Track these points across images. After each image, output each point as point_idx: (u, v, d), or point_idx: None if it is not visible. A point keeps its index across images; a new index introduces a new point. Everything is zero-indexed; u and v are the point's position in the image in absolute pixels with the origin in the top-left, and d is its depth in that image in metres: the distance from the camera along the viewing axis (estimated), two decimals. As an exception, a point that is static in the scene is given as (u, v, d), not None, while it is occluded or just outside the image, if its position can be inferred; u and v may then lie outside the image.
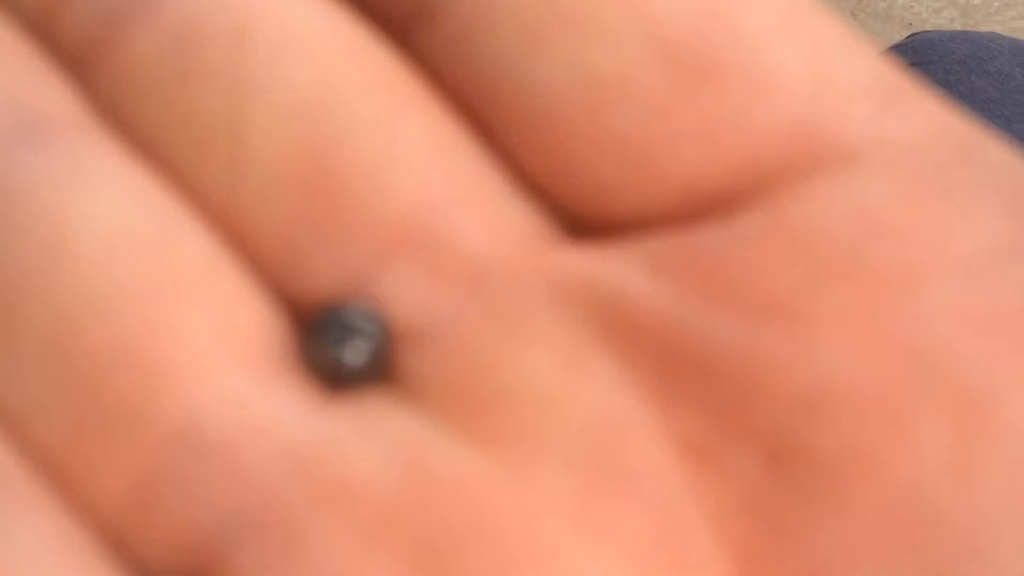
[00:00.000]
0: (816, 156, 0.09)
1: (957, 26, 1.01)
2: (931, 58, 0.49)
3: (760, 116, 0.09)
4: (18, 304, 0.09)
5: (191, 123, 0.10)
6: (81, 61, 0.10)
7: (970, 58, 0.48)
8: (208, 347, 0.09)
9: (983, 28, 1.01)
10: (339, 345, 0.09)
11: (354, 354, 0.09)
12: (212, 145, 0.09)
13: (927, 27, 1.00)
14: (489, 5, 0.10)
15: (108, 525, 0.09)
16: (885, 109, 0.09)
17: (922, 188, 0.09)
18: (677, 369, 0.09)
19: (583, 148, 0.10)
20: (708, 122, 0.09)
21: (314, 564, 0.09)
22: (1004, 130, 0.45)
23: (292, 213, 0.10)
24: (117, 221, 0.09)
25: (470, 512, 0.09)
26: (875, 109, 0.09)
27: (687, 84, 0.09)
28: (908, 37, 0.55)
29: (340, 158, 0.09)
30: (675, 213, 0.10)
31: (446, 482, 0.09)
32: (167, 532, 0.09)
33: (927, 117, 0.09)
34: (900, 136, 0.09)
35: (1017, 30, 1.02)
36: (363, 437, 0.09)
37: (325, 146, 0.09)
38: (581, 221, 0.10)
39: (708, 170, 0.09)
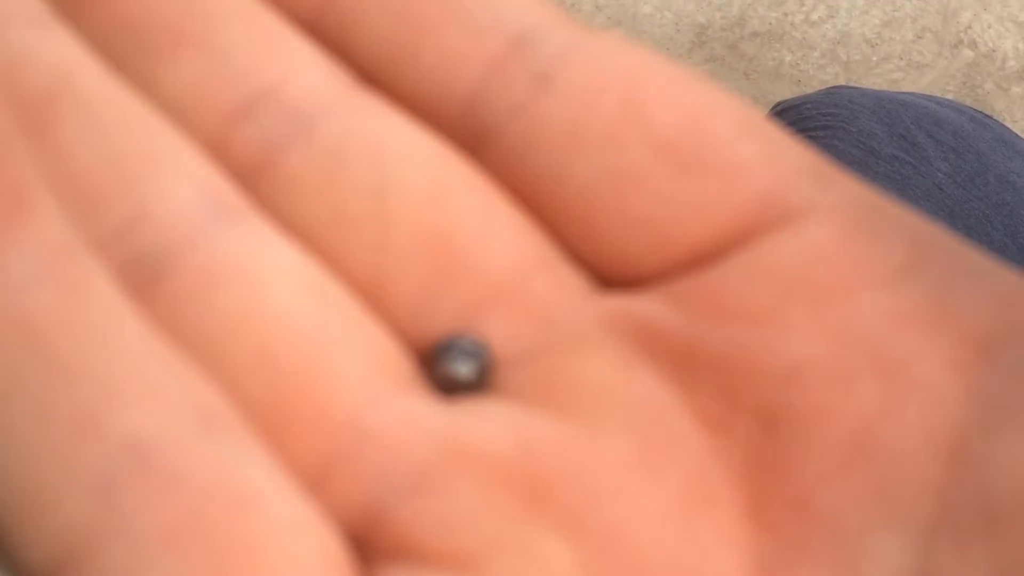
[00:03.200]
0: (775, 216, 0.13)
1: (841, 81, 1.08)
2: (797, 127, 0.55)
3: (736, 193, 0.13)
4: (231, 332, 0.13)
5: (341, 217, 0.13)
6: (246, 177, 0.14)
7: (833, 123, 0.54)
8: (363, 368, 0.13)
9: (864, 82, 1.08)
10: (456, 363, 0.13)
11: (468, 369, 0.13)
12: (360, 231, 0.13)
13: (814, 83, 1.07)
14: (534, 130, 0.14)
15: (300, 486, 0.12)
16: (816, 182, 0.14)
17: (848, 231, 0.13)
18: (694, 367, 0.13)
19: (612, 226, 0.14)
20: (700, 200, 0.13)
21: (458, 509, 0.12)
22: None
23: (422, 278, 0.13)
24: (295, 275, 0.13)
25: (564, 462, 0.13)
26: (810, 183, 0.14)
27: (682, 173, 0.14)
28: (773, 108, 0.60)
29: (455, 238, 0.13)
30: (680, 266, 0.14)
31: (546, 445, 0.13)
32: (342, 498, 0.13)
33: (844, 186, 0.14)
34: (828, 200, 0.14)
35: (896, 81, 1.10)
36: (482, 421, 0.13)
37: (443, 229, 0.13)
38: (611, 278, 0.14)
39: (702, 234, 0.14)
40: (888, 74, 1.10)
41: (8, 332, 0.11)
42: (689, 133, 0.14)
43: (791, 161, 0.14)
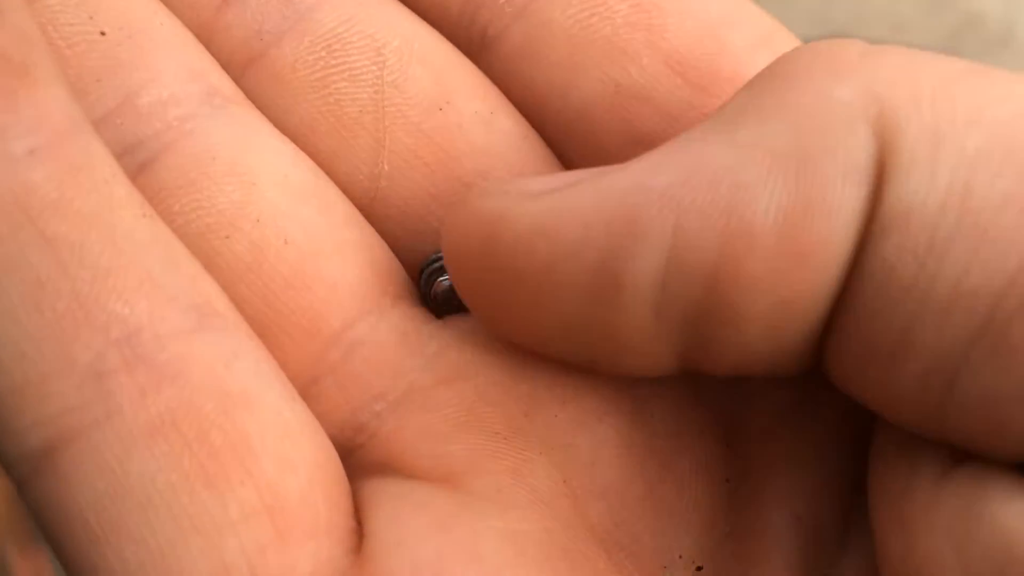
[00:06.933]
0: None
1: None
2: None
3: None
4: (222, 232, 0.12)
5: (336, 114, 0.13)
6: (238, 67, 0.13)
7: None
8: (355, 278, 0.13)
9: (847, 39, 1.07)
10: (448, 280, 0.13)
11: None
12: (356, 133, 0.13)
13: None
14: (537, 34, 0.13)
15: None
16: None
17: None
18: None
19: (614, 145, 0.13)
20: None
21: (443, 425, 0.12)
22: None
23: (417, 188, 0.13)
24: (288, 174, 0.12)
25: (553, 384, 0.12)
26: None
27: (692, 91, 0.13)
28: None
29: (455, 146, 0.13)
30: None
31: (534, 366, 0.12)
32: (330, 409, 0.12)
33: None
34: None
35: (877, 41, 1.09)
36: (471, 339, 0.13)
37: (445, 135, 0.13)
38: None
39: None
40: (869, 33, 1.10)
41: (4, 207, 0.10)
42: (703, 44, 0.13)
43: None
